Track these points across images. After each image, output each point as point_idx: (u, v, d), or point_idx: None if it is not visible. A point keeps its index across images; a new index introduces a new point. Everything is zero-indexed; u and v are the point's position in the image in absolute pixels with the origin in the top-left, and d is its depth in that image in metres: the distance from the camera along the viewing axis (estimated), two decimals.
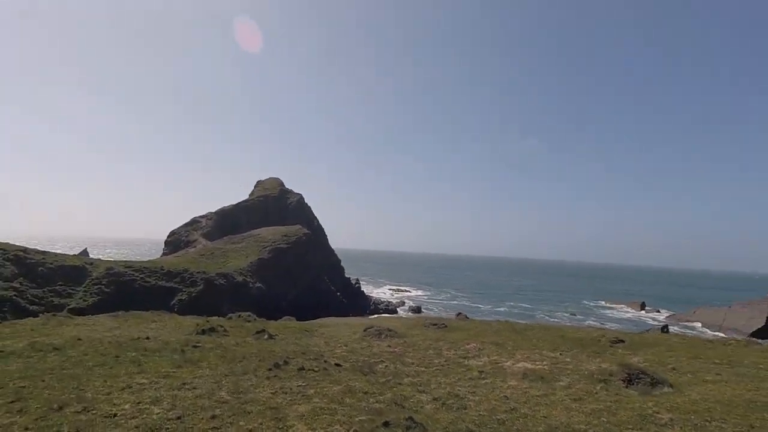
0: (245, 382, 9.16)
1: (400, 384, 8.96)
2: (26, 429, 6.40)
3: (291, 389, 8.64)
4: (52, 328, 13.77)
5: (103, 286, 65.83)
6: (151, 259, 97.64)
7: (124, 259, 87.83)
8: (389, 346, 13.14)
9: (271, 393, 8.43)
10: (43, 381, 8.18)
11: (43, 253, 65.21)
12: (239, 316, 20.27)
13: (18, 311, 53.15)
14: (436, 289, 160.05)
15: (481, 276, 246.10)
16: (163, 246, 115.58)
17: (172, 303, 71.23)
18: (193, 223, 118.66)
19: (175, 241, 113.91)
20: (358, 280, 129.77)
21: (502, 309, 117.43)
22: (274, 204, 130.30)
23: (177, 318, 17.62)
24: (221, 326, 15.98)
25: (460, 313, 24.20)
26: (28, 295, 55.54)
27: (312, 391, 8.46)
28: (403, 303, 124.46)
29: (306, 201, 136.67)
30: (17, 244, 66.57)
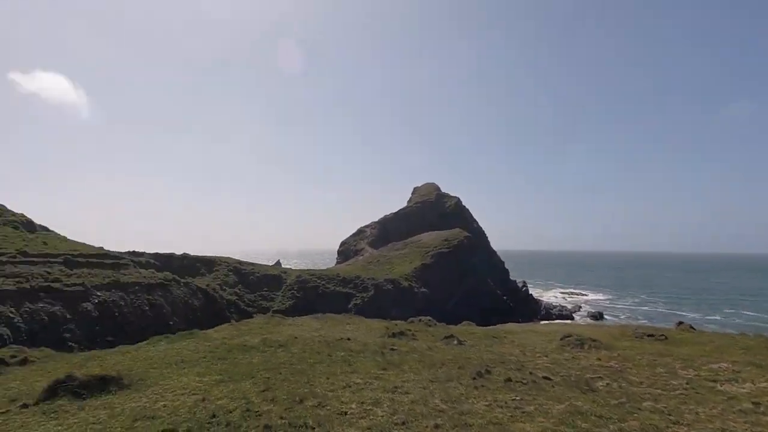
0: (453, 390, 8.99)
1: (639, 409, 7.59)
2: (281, 418, 7.28)
3: (506, 403, 8.10)
4: (273, 327, 15.98)
5: (295, 291, 76.43)
6: (329, 267, 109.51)
7: (308, 268, 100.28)
8: (599, 359, 11.55)
9: (486, 405, 8.03)
10: (280, 374, 9.36)
11: (252, 264, 78.91)
12: (419, 320, 20.74)
13: (239, 312, 65.37)
14: (618, 292, 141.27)
15: (674, 276, 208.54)
16: (336, 255, 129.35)
17: (349, 306, 78.30)
18: (360, 233, 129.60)
19: (346, 251, 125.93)
20: (525, 283, 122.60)
21: (716, 317, 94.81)
22: (432, 209, 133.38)
23: (366, 321, 18.93)
24: (409, 330, 16.45)
25: (681, 323, 20.21)
26: (245, 299, 67.89)
27: (531, 408, 7.77)
28: (580, 308, 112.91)
29: (464, 203, 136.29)
30: (234, 257, 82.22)
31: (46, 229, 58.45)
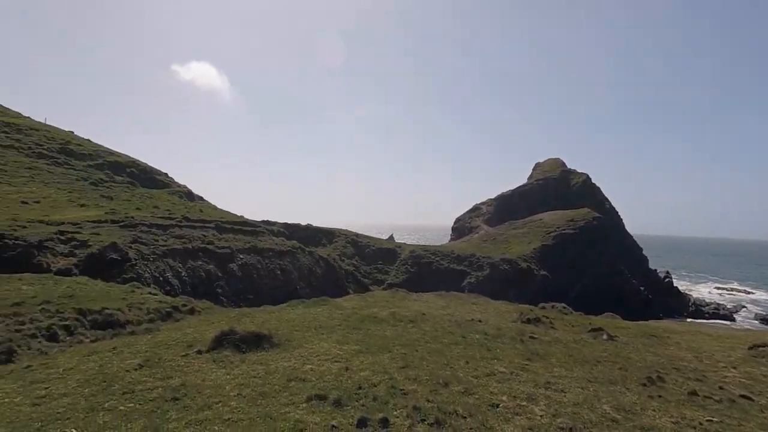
0: (622, 396, 7.63)
1: None
2: (428, 400, 6.86)
3: (701, 424, 6.53)
4: (399, 301, 15.86)
5: (408, 266, 77.74)
6: (443, 244, 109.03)
7: (421, 244, 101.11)
8: None
9: (672, 422, 6.56)
10: (417, 351, 8.99)
11: (368, 237, 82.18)
12: (552, 306, 18.96)
13: (356, 282, 68.91)
14: None
15: None
16: (450, 232, 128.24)
17: (463, 284, 77.08)
18: (475, 209, 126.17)
19: (460, 227, 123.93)
20: (668, 274, 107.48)
21: None
22: (555, 186, 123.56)
23: (492, 302, 17.90)
24: (546, 317, 14.99)
25: None
26: (362, 270, 71.26)
27: None
28: (743, 307, 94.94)
29: (593, 181, 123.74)
30: (351, 230, 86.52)
31: (202, 198, 67.76)
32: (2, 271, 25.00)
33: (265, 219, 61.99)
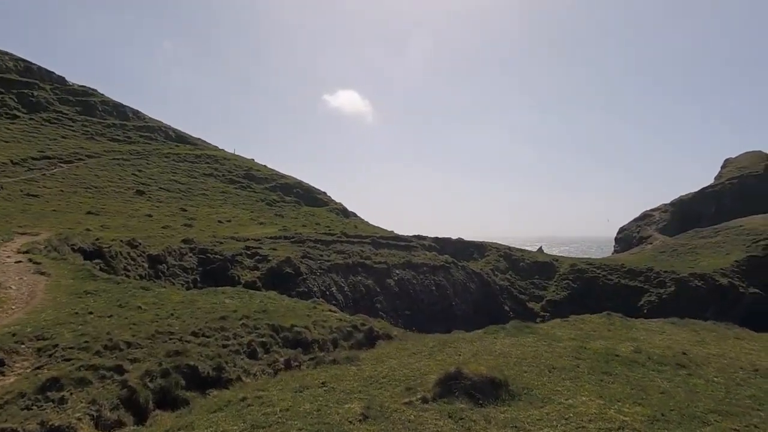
0: None
1: None
2: None
3: None
4: (622, 330, 12.44)
5: (570, 281, 69.43)
6: (605, 257, 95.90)
7: (579, 257, 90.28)
8: None
9: None
10: (742, 424, 5.72)
11: (521, 250, 76.39)
12: None
13: (512, 298, 64.02)
14: None
15: None
16: (613, 243, 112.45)
17: (640, 304, 65.65)
18: (644, 217, 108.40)
19: (626, 238, 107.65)
20: None
21: None
22: (756, 186, 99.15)
23: (765, 336, 12.96)
24: None
25: None
26: (517, 286, 66.01)
27: None
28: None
29: None
30: (499, 242, 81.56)
31: (355, 215, 71.45)
32: (205, 281, 28.62)
33: (416, 234, 62.01)
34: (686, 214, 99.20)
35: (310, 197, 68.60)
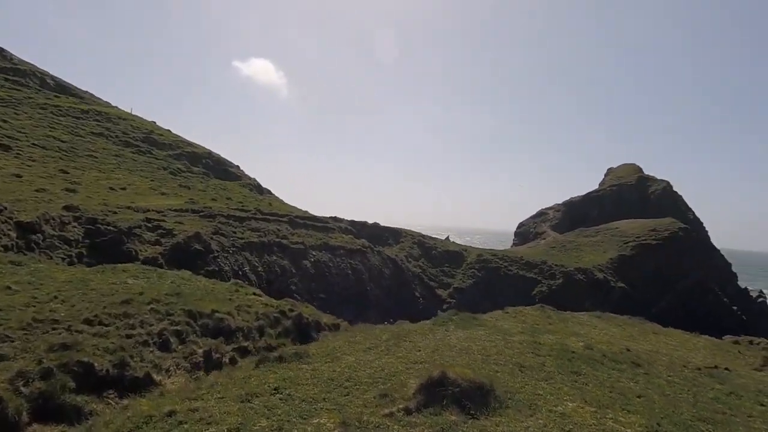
0: None
1: None
2: None
3: None
4: (561, 324, 12.71)
5: (476, 270, 73.64)
6: (505, 249, 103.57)
7: (485, 248, 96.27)
8: None
9: None
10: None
11: (434, 239, 78.96)
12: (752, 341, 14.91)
13: (423, 286, 66.03)
14: None
15: None
16: (513, 237, 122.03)
17: (533, 293, 72.00)
18: (541, 215, 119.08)
19: (524, 233, 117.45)
20: (762, 293, 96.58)
21: None
22: (631, 194, 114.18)
23: (673, 332, 14.17)
24: None
25: None
26: (428, 273, 68.18)
27: None
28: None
29: (675, 189, 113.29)
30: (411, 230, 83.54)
31: (270, 192, 67.64)
32: (94, 256, 24.46)
33: (333, 216, 60.51)
34: (575, 214, 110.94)
35: (220, 170, 63.27)
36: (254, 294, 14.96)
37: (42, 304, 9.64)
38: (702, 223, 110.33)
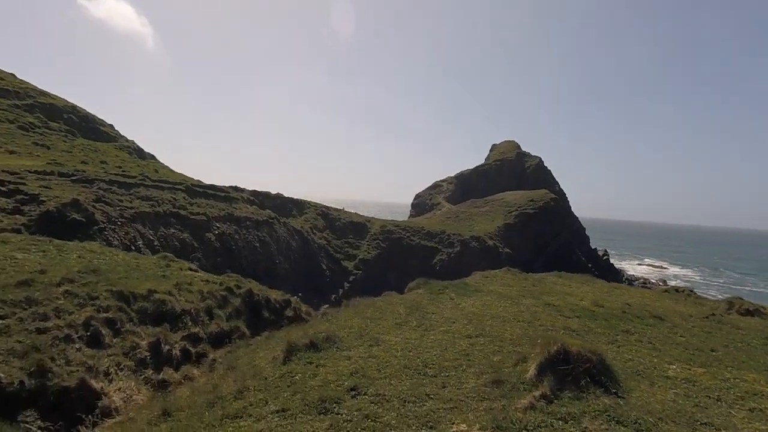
0: None
1: None
2: None
3: None
4: (539, 284, 12.50)
5: (380, 241, 74.50)
6: (404, 220, 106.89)
7: (388, 219, 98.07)
8: None
9: None
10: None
11: (337, 210, 77.52)
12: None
13: (328, 257, 64.59)
14: (707, 270, 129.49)
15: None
16: (410, 209, 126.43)
17: (434, 262, 75.80)
18: (435, 187, 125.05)
19: (420, 204, 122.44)
20: (606, 252, 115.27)
21: None
22: (511, 168, 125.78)
23: (622, 286, 15.08)
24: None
25: None
26: (333, 245, 66.84)
27: None
28: (665, 282, 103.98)
29: (545, 164, 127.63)
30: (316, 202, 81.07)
31: (153, 157, 59.00)
32: None
33: (232, 185, 55.15)
34: (466, 187, 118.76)
35: (89, 128, 52.97)
36: (190, 269, 12.15)
37: None
38: (566, 195, 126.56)
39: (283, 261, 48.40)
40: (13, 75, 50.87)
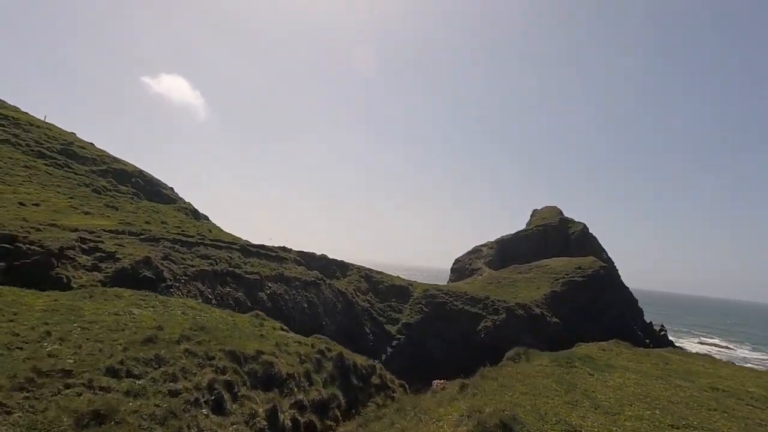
0: None
1: None
2: None
3: None
4: (667, 364, 11.12)
5: (422, 305, 72.38)
6: (445, 284, 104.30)
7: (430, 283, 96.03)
8: None
9: None
10: None
11: (380, 273, 76.73)
12: None
13: (371, 320, 62.89)
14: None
15: None
16: (449, 273, 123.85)
17: (479, 328, 72.38)
18: (475, 251, 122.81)
19: (460, 269, 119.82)
20: (663, 326, 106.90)
21: None
22: (555, 234, 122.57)
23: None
24: None
25: None
26: (376, 308, 65.36)
27: None
28: (734, 364, 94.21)
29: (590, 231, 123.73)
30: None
31: (207, 218, 61.42)
32: (13, 284, 18.82)
33: (281, 245, 56.06)
34: (507, 252, 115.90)
35: (152, 191, 56.33)
36: (282, 329, 11.69)
37: (34, 346, 5.88)
38: (614, 263, 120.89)
39: (329, 323, 47.35)
40: (91, 144, 55.70)
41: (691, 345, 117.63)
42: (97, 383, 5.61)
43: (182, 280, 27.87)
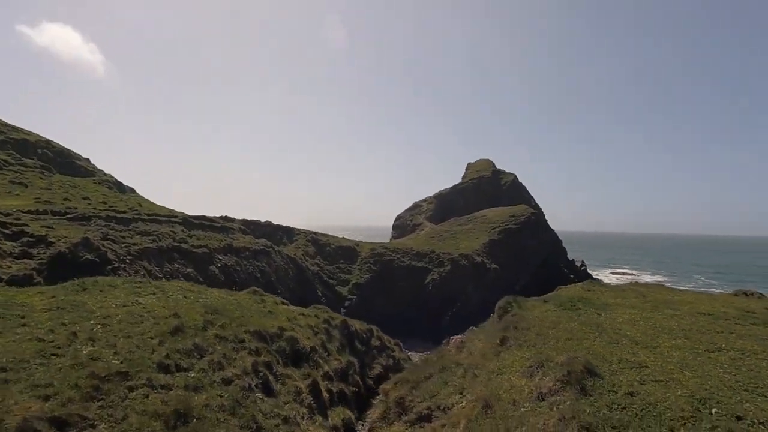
0: None
1: None
2: None
3: None
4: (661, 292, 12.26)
5: (371, 265, 73.56)
6: (391, 241, 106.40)
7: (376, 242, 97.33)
8: None
9: None
10: None
11: (326, 235, 76.25)
12: None
13: (322, 283, 63.01)
14: (677, 274, 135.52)
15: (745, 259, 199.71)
16: (391, 230, 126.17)
17: (427, 281, 75.43)
18: (416, 207, 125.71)
19: (402, 225, 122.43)
20: (583, 262, 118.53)
21: None
22: (489, 185, 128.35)
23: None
24: None
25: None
26: (326, 271, 65.37)
27: None
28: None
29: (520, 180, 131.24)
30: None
31: (133, 190, 56.41)
32: None
33: (222, 215, 53.25)
34: (446, 206, 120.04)
35: (64, 163, 50.21)
36: (283, 303, 11.24)
37: (68, 350, 5.01)
38: (541, 209, 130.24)
39: (283, 290, 46.68)
40: None
41: (605, 275, 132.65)
42: (157, 381, 4.99)
43: (127, 261, 25.64)
